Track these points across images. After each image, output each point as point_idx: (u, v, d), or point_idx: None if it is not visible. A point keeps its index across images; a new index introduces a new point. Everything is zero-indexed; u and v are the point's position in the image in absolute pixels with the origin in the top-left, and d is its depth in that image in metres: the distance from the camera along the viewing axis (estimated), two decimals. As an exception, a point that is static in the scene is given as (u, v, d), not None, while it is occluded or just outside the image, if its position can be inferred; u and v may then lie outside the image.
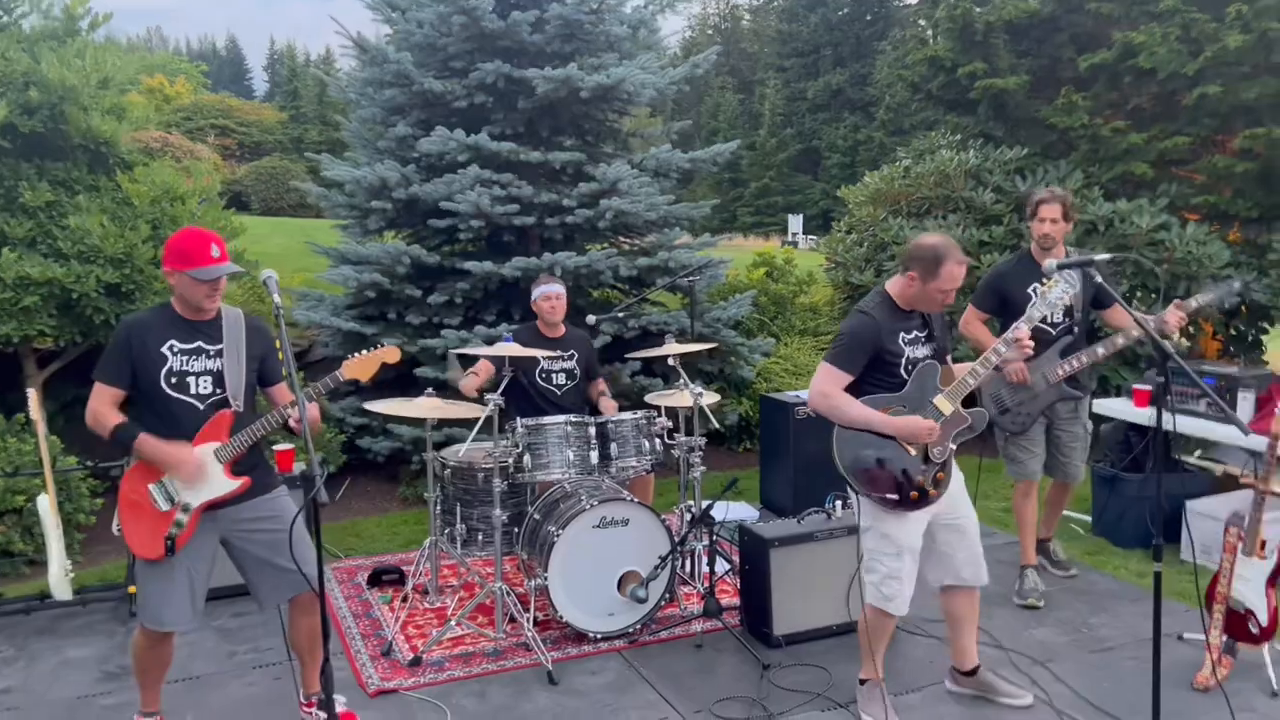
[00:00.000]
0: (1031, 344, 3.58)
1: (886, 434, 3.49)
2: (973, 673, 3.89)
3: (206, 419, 3.37)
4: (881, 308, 3.58)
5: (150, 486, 3.34)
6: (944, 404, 3.56)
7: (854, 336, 3.54)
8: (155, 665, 3.57)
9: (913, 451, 3.51)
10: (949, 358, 3.77)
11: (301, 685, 3.79)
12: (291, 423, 3.36)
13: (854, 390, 3.52)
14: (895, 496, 3.50)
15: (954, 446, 3.60)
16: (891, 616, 3.64)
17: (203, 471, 3.34)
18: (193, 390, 3.37)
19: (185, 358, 3.37)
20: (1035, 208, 4.76)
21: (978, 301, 4.93)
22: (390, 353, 3.71)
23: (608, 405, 5.21)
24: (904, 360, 3.55)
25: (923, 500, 3.53)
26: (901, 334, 3.55)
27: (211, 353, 3.40)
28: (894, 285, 3.61)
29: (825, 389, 3.52)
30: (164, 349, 3.35)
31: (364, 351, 3.64)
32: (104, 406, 3.35)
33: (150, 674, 3.59)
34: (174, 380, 3.34)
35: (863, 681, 3.79)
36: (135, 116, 7.21)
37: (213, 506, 3.39)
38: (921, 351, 3.59)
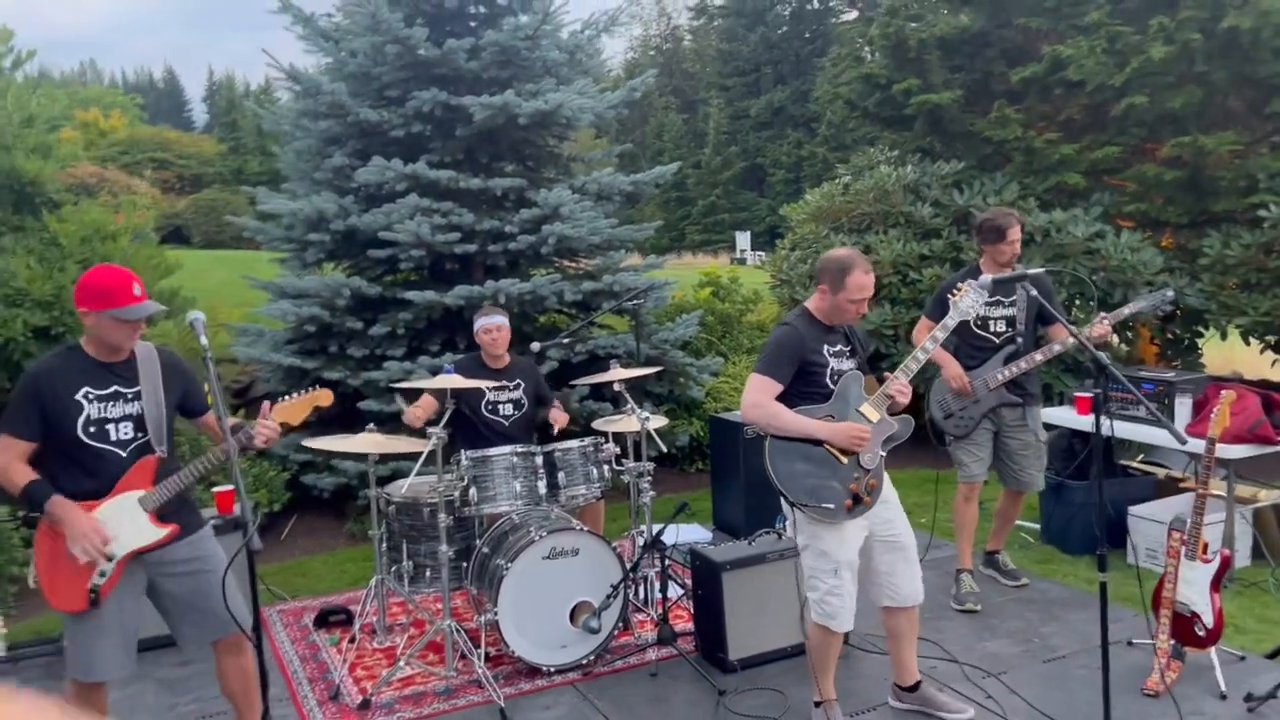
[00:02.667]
0: (906, 396, 3.65)
1: (818, 440, 3.52)
2: (914, 688, 3.90)
3: (129, 466, 3.24)
4: (802, 319, 3.68)
5: (69, 530, 3.16)
6: (870, 412, 3.61)
7: (779, 345, 3.62)
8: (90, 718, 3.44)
9: (844, 460, 3.54)
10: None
11: None
12: (259, 442, 3.29)
13: (783, 402, 3.57)
14: (831, 505, 3.52)
15: (884, 453, 3.64)
16: (836, 634, 3.66)
17: (124, 512, 3.20)
18: (113, 437, 3.22)
19: (102, 404, 3.21)
20: (1004, 231, 4.85)
21: (929, 312, 5.08)
22: (322, 396, 3.58)
23: (557, 416, 5.15)
24: (829, 370, 3.62)
25: (857, 507, 3.56)
26: (825, 346, 3.64)
27: (129, 396, 3.26)
28: (812, 301, 3.72)
29: (758, 399, 3.57)
30: (79, 396, 3.18)
31: (294, 395, 3.52)
32: (12, 461, 3.16)
33: None
34: (92, 429, 3.19)
35: (817, 704, 3.77)
36: (64, 154, 7.07)
37: (139, 553, 3.27)
38: (846, 364, 3.67)
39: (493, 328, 5.12)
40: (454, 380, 4.55)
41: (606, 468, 4.85)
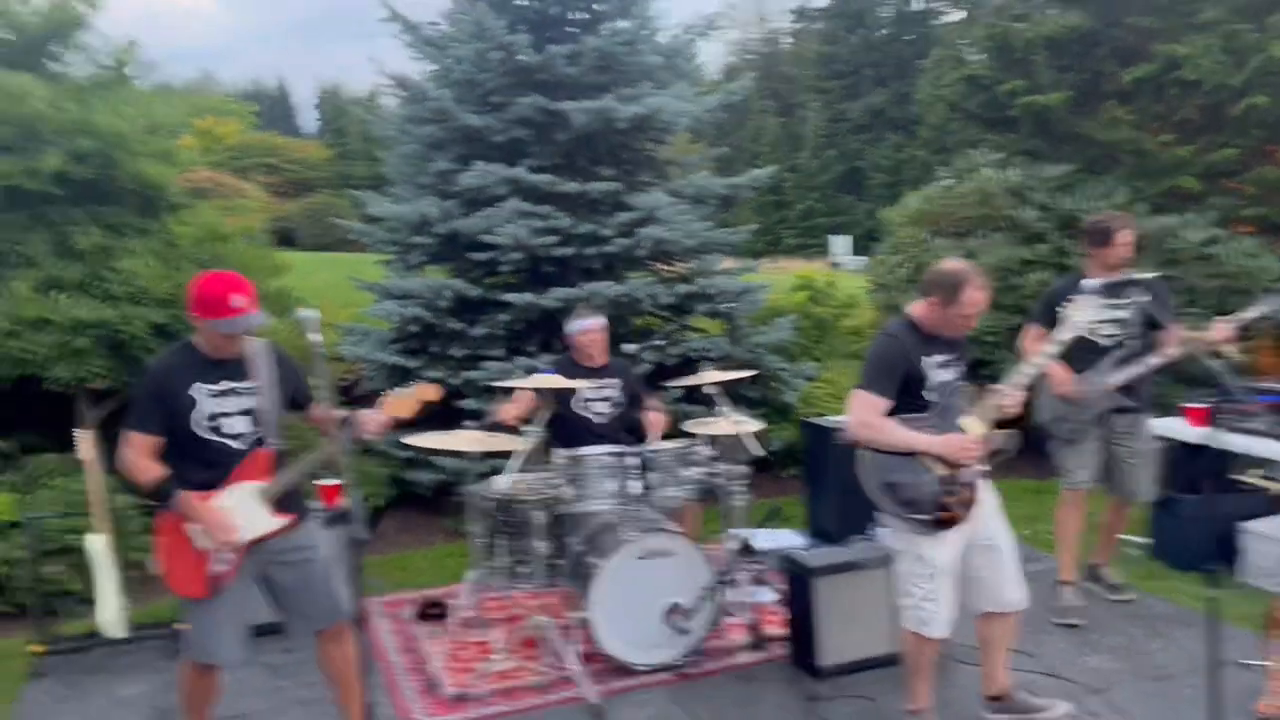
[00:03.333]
0: (1017, 407, 3.57)
1: (925, 454, 3.45)
2: (1001, 698, 3.82)
3: (242, 458, 3.37)
4: (906, 330, 3.58)
5: (190, 525, 3.33)
6: (974, 425, 3.52)
7: (882, 359, 3.54)
8: (203, 700, 3.60)
9: (941, 472, 3.46)
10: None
11: None
12: (370, 432, 3.40)
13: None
14: (925, 518, 3.46)
15: (984, 469, 3.55)
16: (931, 640, 3.60)
17: (244, 503, 3.34)
18: (227, 430, 3.36)
19: (216, 399, 3.34)
20: (1114, 234, 4.74)
21: (1036, 318, 4.94)
22: (430, 390, 3.65)
23: (655, 419, 5.18)
24: (928, 382, 3.53)
25: (951, 522, 3.48)
26: (925, 357, 3.53)
27: (242, 390, 3.39)
28: (918, 309, 3.61)
29: (865, 418, 3.50)
30: (191, 391, 3.31)
31: (401, 389, 3.61)
32: (141, 457, 3.32)
33: (198, 709, 3.61)
34: (207, 423, 3.33)
35: (911, 712, 3.72)
36: (184, 159, 7.39)
37: (256, 542, 3.41)
38: (948, 375, 3.57)
39: (589, 330, 5.18)
40: (555, 380, 4.62)
41: (699, 470, 4.86)
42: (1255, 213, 7.85)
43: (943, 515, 3.47)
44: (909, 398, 3.53)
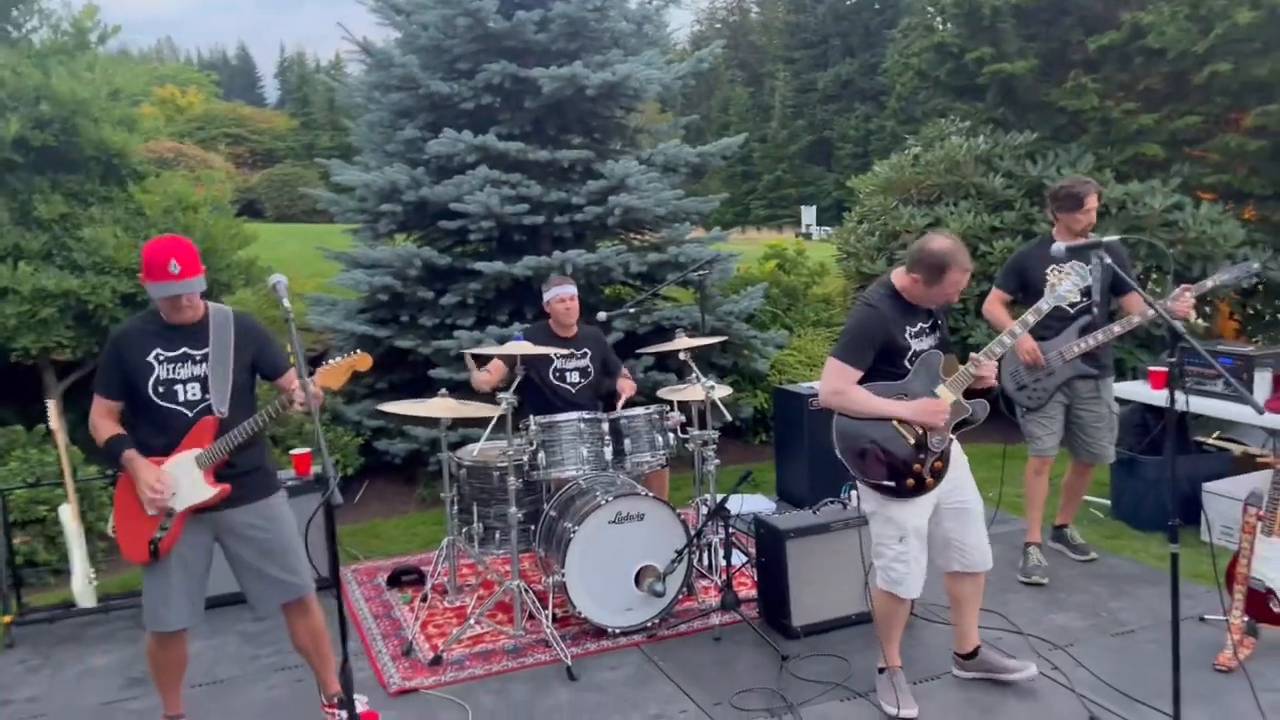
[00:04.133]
0: (992, 378, 3.60)
1: (896, 419, 3.50)
2: (973, 654, 3.90)
3: (193, 426, 3.38)
4: (887, 300, 3.60)
5: (140, 489, 3.35)
6: (945, 394, 3.56)
7: (862, 330, 3.56)
8: (170, 667, 3.60)
9: (911, 440, 3.52)
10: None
11: (321, 687, 3.82)
12: (296, 408, 3.33)
13: (860, 380, 3.55)
14: (892, 483, 3.52)
15: (953, 436, 3.61)
16: (902, 600, 3.67)
17: (184, 470, 3.35)
18: (180, 398, 3.37)
19: (171, 365, 3.36)
20: (1081, 199, 4.78)
21: (1000, 283, 5.02)
22: (361, 360, 3.58)
23: (625, 385, 5.22)
24: (910, 353, 3.57)
25: (919, 489, 3.54)
26: (907, 327, 3.57)
27: (197, 358, 3.39)
28: (899, 279, 3.61)
29: (837, 386, 3.54)
30: (149, 358, 3.34)
31: (335, 359, 3.56)
32: (101, 419, 3.41)
33: (166, 676, 3.62)
34: (161, 389, 3.35)
35: (881, 670, 3.80)
36: (146, 128, 7.28)
37: (200, 510, 3.40)
38: (926, 343, 3.62)
39: (566, 297, 5.19)
40: (524, 347, 4.63)
41: (671, 436, 4.90)
42: (1218, 180, 7.96)
43: (911, 482, 3.52)
44: (887, 366, 3.56)
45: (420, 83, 7.12)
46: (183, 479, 3.35)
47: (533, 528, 4.79)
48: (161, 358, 3.35)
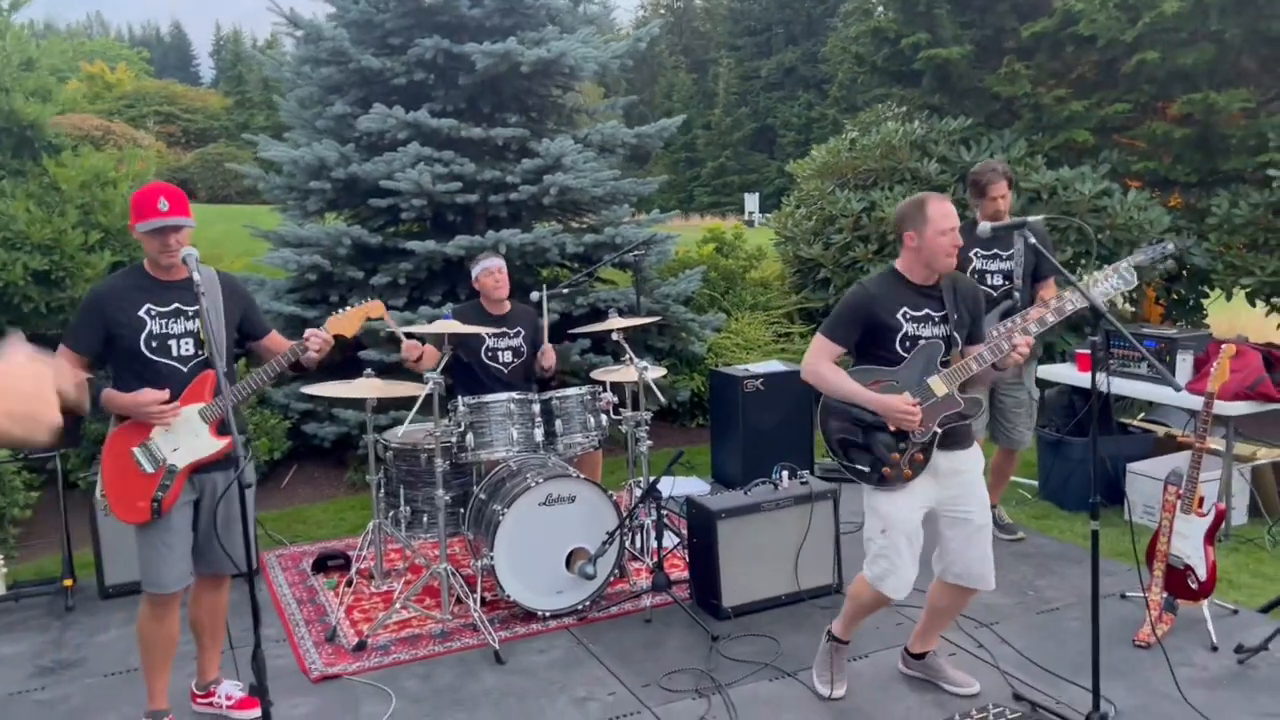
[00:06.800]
0: (1023, 354, 3.40)
1: (866, 408, 3.38)
2: (922, 656, 3.79)
3: (190, 380, 3.34)
4: (881, 282, 3.47)
5: (134, 450, 3.30)
6: (938, 385, 3.39)
7: (844, 306, 3.47)
8: (162, 642, 3.50)
9: (890, 428, 3.37)
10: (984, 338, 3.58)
11: (197, 673, 3.72)
12: (311, 355, 3.45)
13: (854, 359, 3.46)
14: (867, 469, 3.41)
15: (939, 430, 3.40)
16: (881, 596, 3.49)
17: (186, 424, 3.31)
18: (174, 353, 3.34)
19: (164, 320, 3.33)
20: (984, 188, 4.78)
21: None
22: (373, 307, 3.75)
23: (545, 352, 5.13)
24: (901, 335, 3.39)
25: (895, 479, 3.39)
26: (905, 309, 3.39)
27: (190, 313, 3.36)
28: (901, 260, 3.49)
29: (812, 359, 3.46)
30: (141, 313, 3.30)
31: (346, 308, 3.69)
32: (64, 367, 3.27)
33: (158, 654, 3.50)
34: (154, 344, 3.31)
35: (829, 636, 3.72)
36: (64, 99, 7.02)
37: (197, 469, 3.36)
38: (928, 331, 3.41)
39: (494, 269, 5.11)
40: (453, 325, 4.54)
41: (604, 417, 4.84)
42: (1144, 167, 8.11)
43: (888, 470, 3.39)
44: (878, 349, 3.42)
45: (351, 57, 6.96)
46: (184, 434, 3.31)
47: (462, 511, 4.71)
48: (153, 312, 3.32)
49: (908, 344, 3.40)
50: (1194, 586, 3.99)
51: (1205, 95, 7.51)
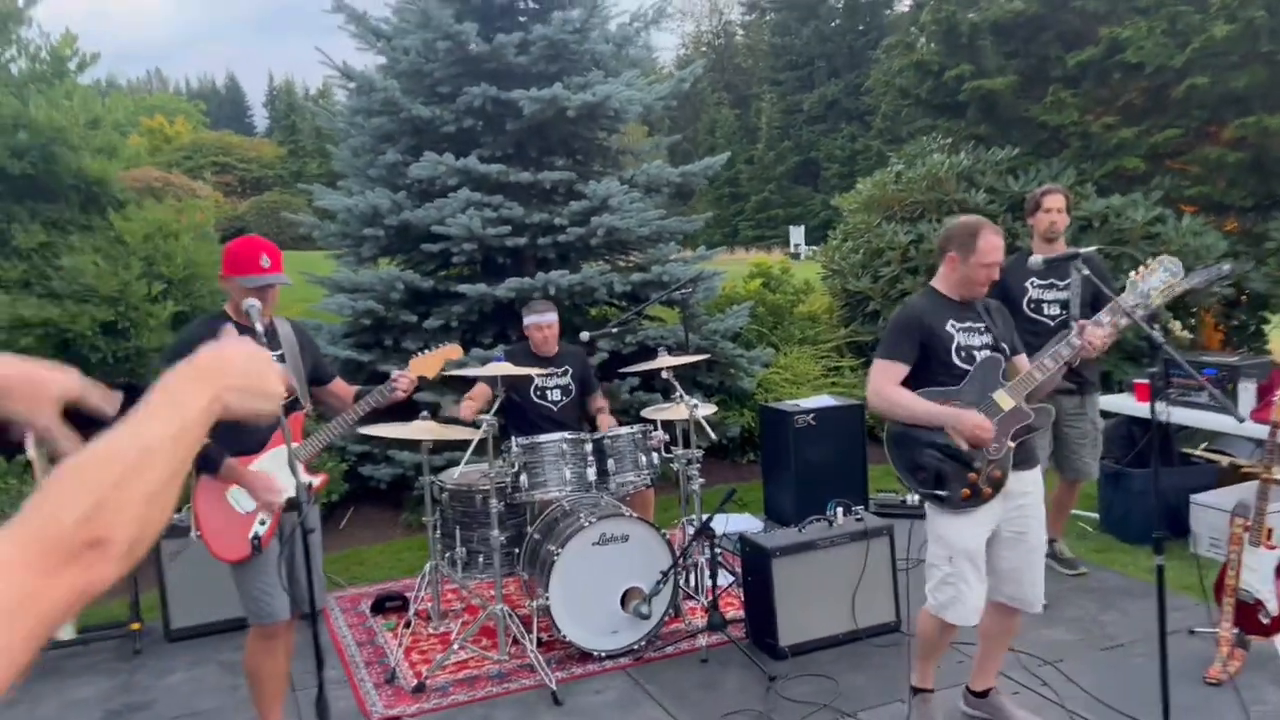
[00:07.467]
0: (1095, 343, 3.39)
1: (937, 426, 3.32)
2: (985, 694, 3.72)
3: (278, 423, 3.39)
4: (925, 299, 3.52)
5: (229, 491, 3.42)
6: (1004, 399, 3.36)
7: (895, 325, 3.49)
8: (272, 676, 3.58)
9: (965, 446, 3.31)
10: (1022, 354, 3.59)
11: (260, 716, 3.74)
12: (398, 394, 3.65)
13: (910, 387, 3.40)
14: (945, 493, 3.34)
15: (1012, 445, 3.36)
16: (948, 626, 3.45)
17: (279, 463, 3.41)
18: None
19: None
20: (1039, 200, 4.83)
21: None
22: (453, 350, 3.94)
23: (604, 421, 5.18)
24: (955, 346, 3.39)
25: (975, 499, 3.33)
26: (951, 320, 3.42)
27: (274, 358, 3.41)
28: (939, 278, 3.53)
29: (878, 385, 3.41)
30: None
31: (427, 351, 3.89)
32: None
33: (269, 688, 3.58)
34: None
35: (914, 690, 3.67)
36: (128, 155, 7.25)
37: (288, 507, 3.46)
38: (977, 340, 3.43)
39: (544, 325, 5.16)
40: (504, 368, 4.60)
41: (656, 455, 4.86)
42: (1198, 192, 8.00)
43: (966, 492, 3.33)
44: (938, 365, 3.40)
45: (402, 107, 7.13)
46: (278, 473, 3.41)
47: (516, 551, 4.74)
48: None
49: (962, 354, 3.41)
50: (1265, 621, 3.89)
51: (1259, 119, 7.41)
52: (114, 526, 0.84)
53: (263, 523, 3.41)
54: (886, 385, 3.39)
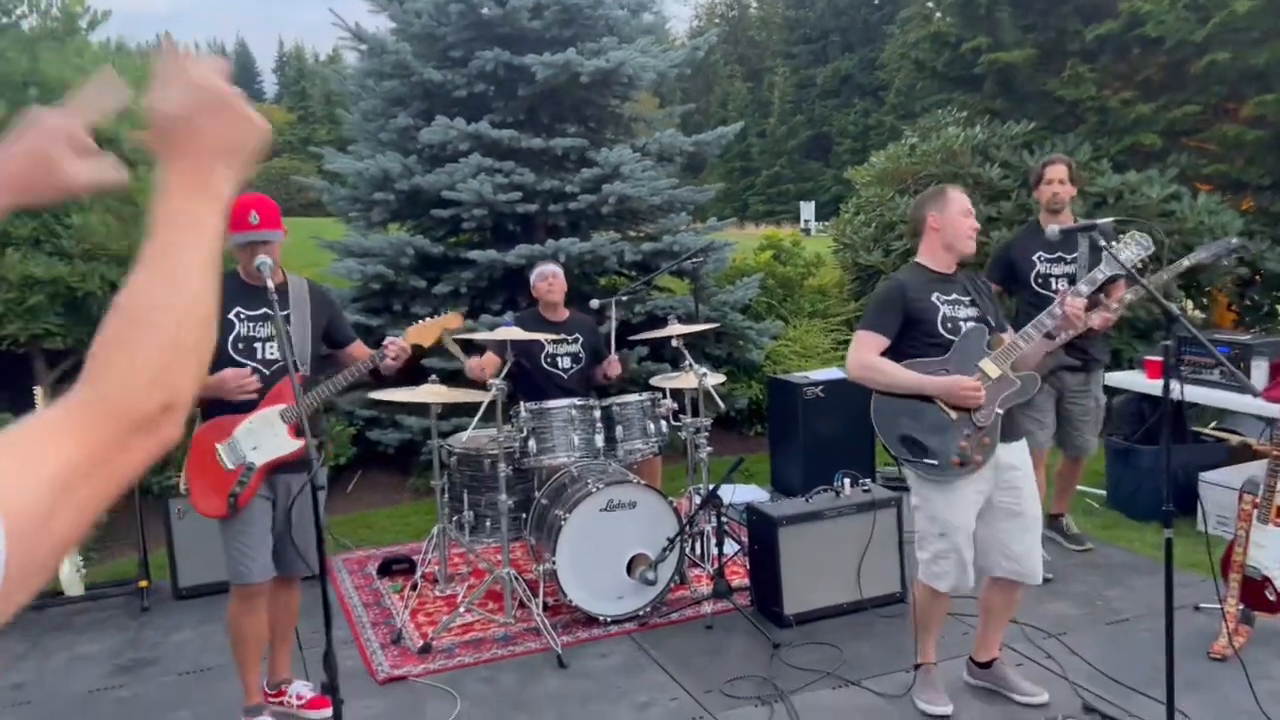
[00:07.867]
0: (1081, 313, 3.37)
1: (927, 396, 3.34)
2: (989, 664, 3.74)
3: (273, 383, 3.44)
4: (907, 270, 3.55)
5: (218, 446, 3.41)
6: (990, 367, 3.38)
7: (878, 297, 3.52)
8: (252, 636, 3.60)
9: (954, 416, 3.33)
10: (1006, 328, 3.59)
11: (269, 671, 3.79)
12: (388, 362, 3.56)
13: (896, 358, 3.41)
14: (935, 462, 3.34)
15: (1000, 411, 3.38)
16: (943, 595, 3.50)
17: (267, 424, 3.42)
18: (259, 356, 3.45)
19: (251, 324, 3.45)
20: (1041, 171, 4.80)
21: (988, 273, 4.92)
22: (451, 319, 3.90)
23: (610, 363, 5.12)
24: (940, 317, 3.41)
25: (966, 466, 3.34)
26: (936, 293, 3.44)
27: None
28: (922, 252, 3.55)
29: (861, 356, 3.42)
30: (230, 315, 3.42)
31: (426, 319, 3.83)
32: None
33: (249, 648, 3.60)
34: (240, 346, 3.43)
35: (916, 666, 3.69)
36: (140, 116, 7.21)
37: (275, 469, 3.46)
38: (963, 312, 3.45)
39: (549, 274, 5.16)
40: (513, 332, 4.59)
41: (664, 423, 4.86)
42: (1215, 170, 7.92)
43: (957, 461, 3.34)
44: (921, 336, 3.42)
45: (413, 70, 7.08)
46: (264, 433, 3.42)
47: (524, 515, 4.75)
48: (242, 315, 3.45)
49: (948, 325, 3.43)
50: (1272, 598, 3.89)
51: (1278, 96, 7.32)
52: (180, 390, 0.82)
53: (241, 483, 3.40)
54: (871, 356, 3.41)
